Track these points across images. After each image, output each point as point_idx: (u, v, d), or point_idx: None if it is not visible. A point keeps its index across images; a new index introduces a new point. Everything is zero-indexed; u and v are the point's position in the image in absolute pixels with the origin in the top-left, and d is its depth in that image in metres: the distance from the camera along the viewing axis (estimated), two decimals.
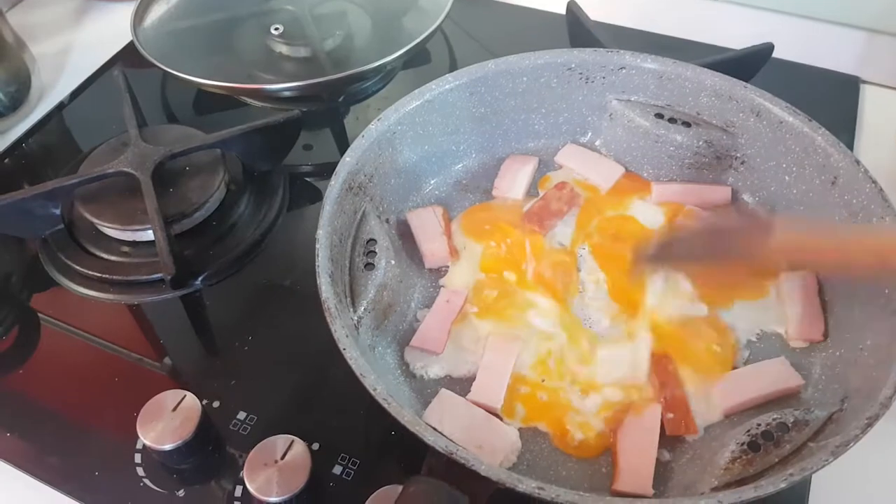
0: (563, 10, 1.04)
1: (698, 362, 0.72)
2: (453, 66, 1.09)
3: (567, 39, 1.04)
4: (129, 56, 1.16)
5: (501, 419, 0.70)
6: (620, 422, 0.68)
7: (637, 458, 0.66)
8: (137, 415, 0.69)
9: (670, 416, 0.68)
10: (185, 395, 0.71)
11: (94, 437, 0.74)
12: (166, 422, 0.69)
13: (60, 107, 1.11)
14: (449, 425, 0.67)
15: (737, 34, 0.98)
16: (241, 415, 0.74)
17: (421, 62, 1.11)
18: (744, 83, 0.79)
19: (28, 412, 0.77)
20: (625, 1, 1.12)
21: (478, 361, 0.74)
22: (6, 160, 1.04)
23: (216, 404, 0.75)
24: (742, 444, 0.63)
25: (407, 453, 0.70)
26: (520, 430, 0.70)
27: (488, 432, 0.68)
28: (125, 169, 0.89)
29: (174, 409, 0.69)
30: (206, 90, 1.02)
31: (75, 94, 1.12)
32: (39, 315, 0.87)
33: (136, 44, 1.02)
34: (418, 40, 0.96)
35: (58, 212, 0.91)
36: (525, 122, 0.89)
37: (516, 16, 1.16)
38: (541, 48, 0.87)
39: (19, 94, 1.10)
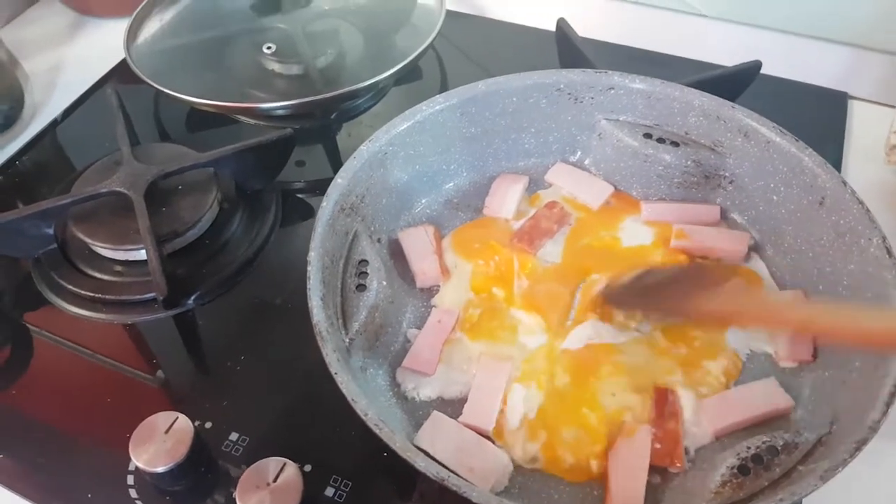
0: (552, 27, 1.04)
1: (702, 385, 0.72)
2: (444, 83, 1.11)
3: (556, 56, 1.04)
4: (121, 73, 1.15)
5: (493, 441, 0.70)
6: (612, 444, 0.68)
7: (628, 482, 0.66)
8: (130, 435, 0.69)
9: (658, 446, 0.68)
10: (177, 417, 0.71)
11: (87, 457, 0.74)
12: (159, 444, 0.69)
13: (54, 124, 1.11)
14: (441, 448, 0.67)
15: (725, 50, 1.00)
16: (234, 436, 0.74)
17: (412, 78, 1.11)
18: (731, 103, 0.79)
19: (20, 431, 0.77)
20: (613, 18, 1.12)
21: (469, 382, 0.74)
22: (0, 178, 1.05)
23: (208, 425, 0.75)
24: (732, 467, 0.64)
25: (399, 475, 0.70)
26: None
27: (480, 455, 0.68)
28: (118, 188, 0.89)
29: (167, 430, 0.69)
30: (199, 108, 1.01)
31: (68, 111, 1.12)
32: (32, 333, 0.87)
33: (129, 62, 1.02)
34: (410, 58, 0.96)
35: (51, 231, 0.91)
36: (515, 141, 0.90)
37: (506, 32, 1.16)
38: (530, 65, 0.88)
39: (13, 111, 1.09)
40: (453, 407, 0.73)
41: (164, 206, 0.90)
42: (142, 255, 0.87)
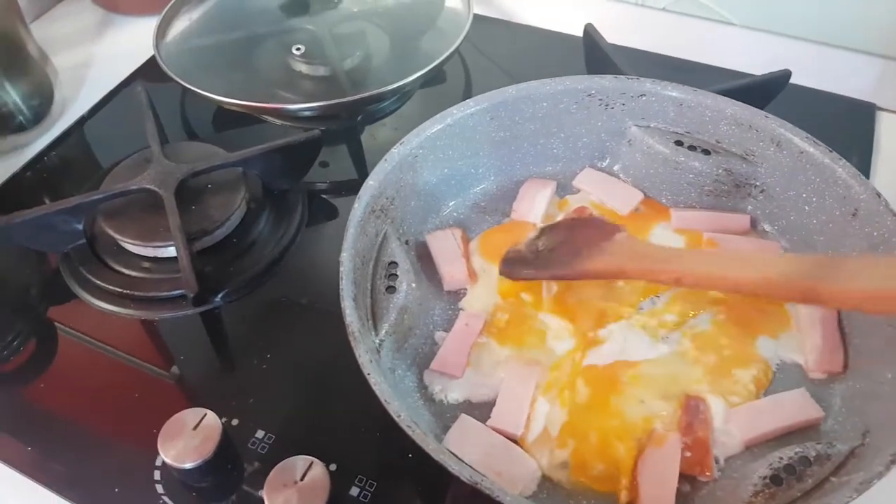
0: (579, 33, 1.04)
1: (732, 394, 0.71)
2: (469, 87, 1.11)
3: (582, 62, 1.04)
4: (149, 71, 1.15)
5: (521, 446, 0.69)
6: (641, 452, 0.68)
7: (658, 490, 0.65)
8: (157, 431, 0.69)
9: (688, 454, 0.68)
10: (205, 414, 0.71)
11: (114, 452, 0.74)
12: (187, 440, 0.69)
13: (81, 121, 1.11)
14: (469, 452, 0.67)
15: (753, 59, 0.99)
16: (260, 433, 0.74)
17: (437, 82, 1.11)
18: (765, 113, 0.79)
19: (47, 425, 0.77)
20: (641, 24, 1.12)
21: (497, 386, 0.73)
22: (28, 173, 1.04)
23: (235, 422, 0.75)
24: (765, 477, 0.63)
25: (423, 476, 0.70)
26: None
27: (508, 459, 0.68)
28: (148, 186, 0.89)
29: (195, 427, 0.70)
30: (226, 108, 1.01)
31: (96, 108, 1.12)
32: (59, 328, 0.86)
33: (158, 59, 1.03)
34: (437, 62, 0.96)
35: (80, 227, 0.90)
36: (544, 146, 0.89)
37: (533, 37, 1.16)
38: (557, 70, 0.88)
39: (42, 107, 1.09)
40: (481, 410, 0.73)
41: (193, 205, 0.90)
42: (170, 252, 0.88)
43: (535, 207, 0.86)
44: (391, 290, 0.76)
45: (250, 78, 1.09)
